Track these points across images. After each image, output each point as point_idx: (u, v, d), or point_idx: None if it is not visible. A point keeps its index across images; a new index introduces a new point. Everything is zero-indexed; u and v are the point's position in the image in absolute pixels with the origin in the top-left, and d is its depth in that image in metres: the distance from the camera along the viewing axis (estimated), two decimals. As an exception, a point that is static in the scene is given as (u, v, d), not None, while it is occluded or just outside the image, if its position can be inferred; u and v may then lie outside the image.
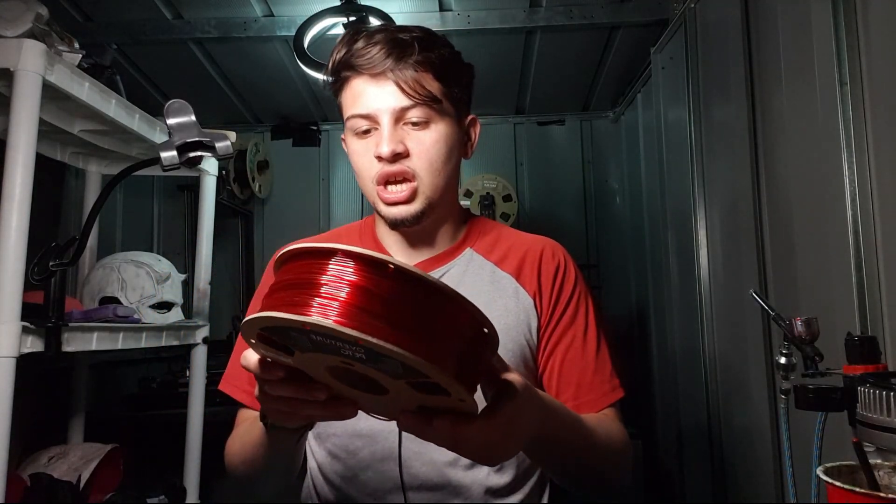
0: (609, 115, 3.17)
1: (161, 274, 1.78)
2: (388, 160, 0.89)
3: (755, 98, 1.57)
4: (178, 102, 0.95)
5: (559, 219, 3.12)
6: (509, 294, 0.96)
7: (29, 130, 1.20)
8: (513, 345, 0.92)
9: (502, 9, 2.21)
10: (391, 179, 0.90)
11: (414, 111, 0.89)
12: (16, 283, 1.16)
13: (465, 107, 0.98)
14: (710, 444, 1.86)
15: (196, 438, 1.82)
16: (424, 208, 0.92)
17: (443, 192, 0.94)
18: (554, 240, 1.04)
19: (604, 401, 0.93)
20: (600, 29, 2.35)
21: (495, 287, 0.96)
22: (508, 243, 1.02)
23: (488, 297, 0.95)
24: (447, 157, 0.93)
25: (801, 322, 0.80)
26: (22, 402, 1.17)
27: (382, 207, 0.93)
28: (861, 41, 1.16)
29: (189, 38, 2.30)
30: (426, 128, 0.91)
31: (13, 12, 1.28)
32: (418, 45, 0.90)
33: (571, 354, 0.95)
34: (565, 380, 0.94)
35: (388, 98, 0.89)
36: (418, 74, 0.89)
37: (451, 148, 0.94)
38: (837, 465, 0.64)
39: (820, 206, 1.27)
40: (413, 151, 0.90)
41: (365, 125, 0.91)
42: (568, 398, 0.93)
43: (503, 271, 0.98)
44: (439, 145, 0.91)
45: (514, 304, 0.95)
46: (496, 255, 1.00)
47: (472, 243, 1.01)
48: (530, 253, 1.00)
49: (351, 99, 0.92)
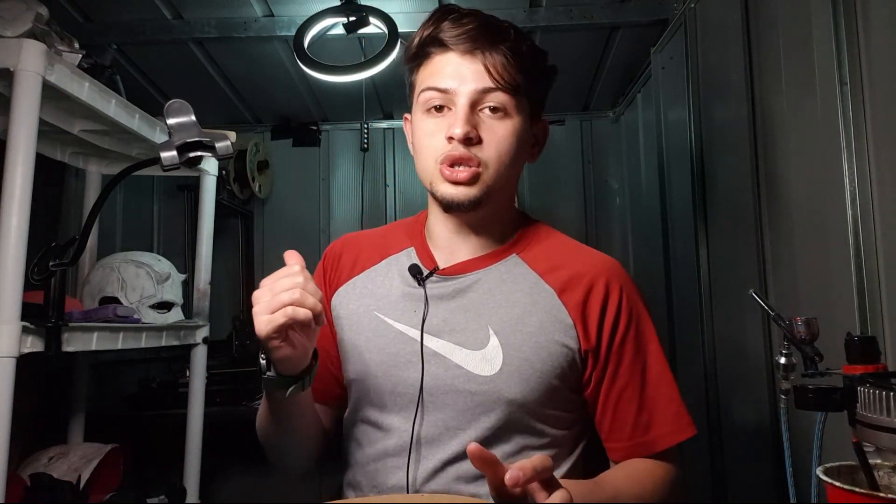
0: (609, 115, 3.17)
1: (161, 274, 1.78)
2: (461, 141, 0.86)
3: (755, 98, 1.57)
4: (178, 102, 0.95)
5: (559, 218, 3.12)
6: (547, 310, 0.91)
7: (29, 130, 1.20)
8: (542, 365, 0.88)
9: (502, 9, 2.20)
10: (456, 163, 0.87)
11: (494, 96, 0.87)
12: (16, 283, 1.16)
13: (540, 108, 0.96)
14: (710, 444, 1.86)
15: (196, 438, 1.82)
16: (482, 196, 0.88)
17: (503, 186, 0.91)
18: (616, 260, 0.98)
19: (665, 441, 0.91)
20: (600, 29, 2.35)
21: (533, 300, 0.91)
22: (561, 255, 0.96)
23: (523, 309, 0.91)
24: (517, 152, 0.90)
25: (801, 322, 0.80)
26: (22, 402, 1.17)
27: (441, 186, 0.89)
28: (861, 41, 1.16)
29: (189, 38, 2.29)
30: (503, 118, 0.88)
31: (13, 12, 1.28)
32: (514, 33, 0.89)
33: (628, 393, 0.92)
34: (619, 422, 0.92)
35: (472, 77, 0.86)
36: (507, 61, 0.87)
37: (522, 145, 0.92)
38: (837, 465, 0.64)
39: (820, 206, 1.27)
40: (485, 139, 0.87)
41: (439, 100, 0.88)
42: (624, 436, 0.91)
43: (546, 284, 0.93)
44: (512, 139, 0.89)
45: (551, 321, 0.90)
46: (543, 266, 0.95)
47: (520, 249, 0.97)
48: (584, 273, 0.93)
49: (429, 72, 0.90)
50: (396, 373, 0.91)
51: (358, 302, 0.98)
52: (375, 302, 0.96)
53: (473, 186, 0.88)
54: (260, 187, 3.02)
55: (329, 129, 3.23)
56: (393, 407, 0.92)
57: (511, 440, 0.89)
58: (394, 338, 0.92)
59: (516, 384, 0.87)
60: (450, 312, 0.92)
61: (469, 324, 0.90)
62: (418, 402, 0.89)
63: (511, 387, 0.87)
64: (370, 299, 0.97)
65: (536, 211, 3.12)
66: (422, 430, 0.89)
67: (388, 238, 1.04)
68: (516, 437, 0.89)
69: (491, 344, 0.89)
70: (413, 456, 0.89)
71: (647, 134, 2.62)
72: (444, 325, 0.91)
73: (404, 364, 0.90)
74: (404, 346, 0.91)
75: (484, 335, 0.89)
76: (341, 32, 2.07)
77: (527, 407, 0.88)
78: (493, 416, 0.88)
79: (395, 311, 0.94)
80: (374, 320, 0.94)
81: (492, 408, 0.87)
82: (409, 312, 0.93)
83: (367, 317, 0.95)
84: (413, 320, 0.92)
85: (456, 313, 0.91)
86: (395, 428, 0.91)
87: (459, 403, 0.88)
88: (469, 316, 0.91)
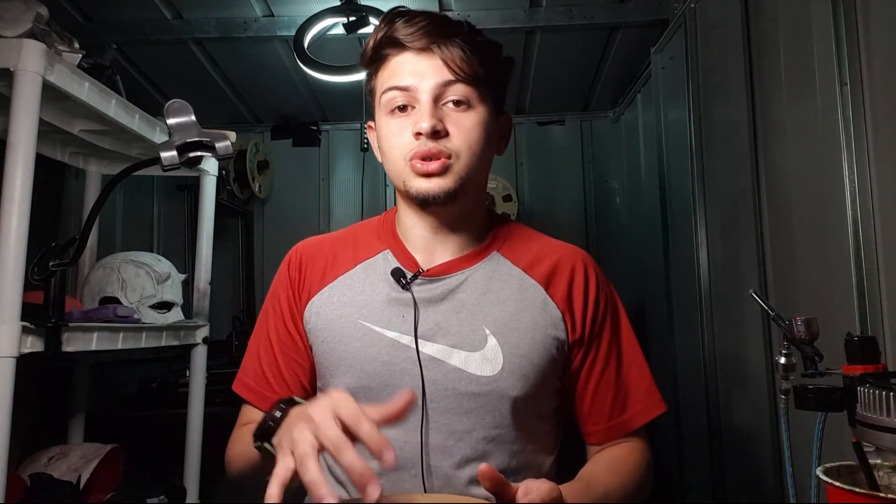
0: (609, 115, 3.17)
1: (161, 274, 1.78)
2: (429, 136, 0.85)
3: (755, 98, 1.57)
4: (178, 102, 0.95)
5: (559, 219, 3.12)
6: (538, 305, 0.92)
7: (29, 130, 1.20)
8: (539, 360, 0.89)
9: (502, 9, 2.20)
10: (426, 157, 0.86)
11: (456, 88, 0.87)
12: (16, 283, 1.16)
13: (502, 100, 0.96)
14: (710, 444, 1.86)
15: (196, 438, 1.82)
16: (456, 187, 0.87)
17: (475, 178, 0.91)
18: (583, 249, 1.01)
19: (639, 419, 0.94)
20: (600, 29, 2.35)
21: (522, 296, 0.92)
22: (537, 249, 0.97)
23: (516, 306, 0.91)
24: (486, 142, 0.90)
25: (801, 322, 0.80)
26: (22, 402, 1.17)
27: (414, 182, 0.87)
28: (861, 41, 1.16)
29: (189, 38, 2.29)
30: (467, 109, 0.88)
31: (13, 12, 1.28)
32: (467, 27, 0.90)
33: (606, 377, 0.94)
34: (598, 405, 0.94)
35: (432, 72, 0.87)
36: (464, 53, 0.87)
37: (489, 135, 0.91)
38: (837, 465, 0.64)
39: (820, 206, 1.27)
40: (452, 132, 0.87)
41: (402, 100, 0.88)
42: (602, 419, 0.94)
43: (532, 279, 0.93)
44: (479, 129, 0.89)
45: (542, 316, 0.91)
46: (525, 261, 0.95)
47: (498, 246, 0.97)
48: (562, 264, 0.96)
49: (389, 74, 0.89)
50: (393, 383, 0.88)
51: (338, 311, 0.93)
52: (358, 310, 0.92)
53: (446, 177, 0.87)
54: (260, 187, 3.03)
55: (329, 129, 3.23)
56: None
57: (515, 437, 0.89)
58: (386, 346, 0.89)
59: (518, 381, 0.88)
60: (442, 315, 0.90)
61: (464, 325, 0.90)
62: (423, 411, 0.87)
63: (514, 385, 0.87)
64: (350, 308, 0.93)
65: (536, 211, 3.12)
66: (429, 438, 0.88)
67: (358, 241, 1.00)
68: (519, 434, 0.90)
69: (489, 344, 0.89)
70: (425, 466, 0.87)
71: (647, 134, 2.62)
72: (437, 329, 0.89)
73: (400, 373, 0.88)
74: (398, 354, 0.88)
75: (481, 335, 0.89)
76: (341, 32, 2.07)
77: (528, 403, 0.89)
78: (498, 415, 0.88)
79: (381, 319, 0.91)
80: (360, 329, 0.91)
81: (496, 407, 0.87)
82: (397, 318, 0.90)
83: (352, 326, 0.91)
84: (403, 326, 0.90)
85: (448, 315, 0.90)
86: (399, 440, 0.87)
87: (463, 406, 0.87)
88: (463, 317, 0.90)
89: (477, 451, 0.87)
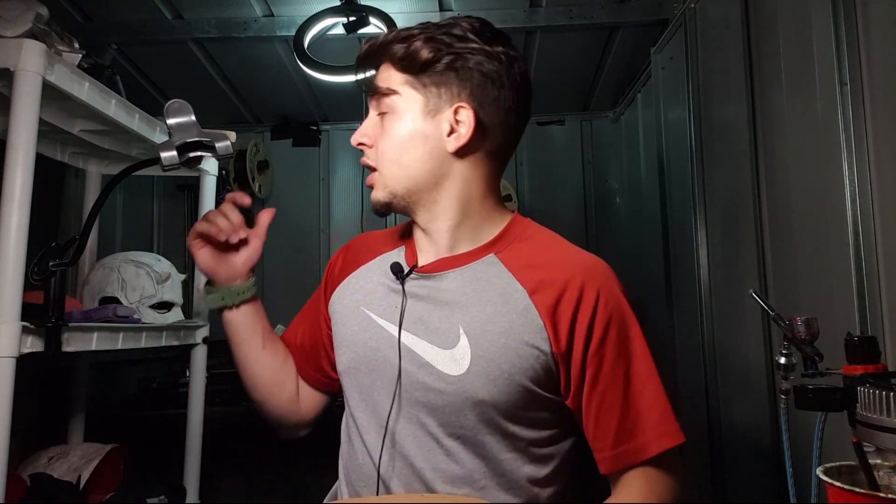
0: (609, 115, 3.17)
1: (161, 274, 1.78)
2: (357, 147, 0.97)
3: (755, 98, 1.57)
4: (178, 102, 0.95)
5: (559, 219, 3.12)
6: (518, 311, 0.89)
7: (29, 130, 1.20)
8: (509, 366, 0.86)
9: (502, 9, 2.20)
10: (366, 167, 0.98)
11: (375, 103, 0.96)
12: (16, 283, 1.16)
13: (448, 97, 0.92)
14: (710, 444, 1.86)
15: (196, 438, 1.82)
16: (388, 199, 0.95)
17: (413, 184, 0.93)
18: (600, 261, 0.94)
19: (651, 449, 0.87)
20: (600, 29, 2.35)
21: (504, 300, 0.90)
22: (540, 254, 0.94)
23: (494, 309, 0.89)
24: (406, 148, 0.93)
25: (801, 322, 0.80)
26: (22, 402, 1.17)
27: None
28: (861, 41, 1.16)
29: (189, 38, 2.29)
30: (391, 118, 0.94)
31: (13, 12, 1.28)
32: (383, 41, 0.95)
33: (610, 398, 0.88)
34: (602, 430, 0.88)
35: (369, 88, 0.97)
36: (379, 69, 0.95)
37: (413, 140, 0.92)
38: (837, 465, 0.64)
39: (820, 206, 1.27)
40: (376, 144, 0.95)
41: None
42: (608, 445, 0.88)
43: (519, 284, 0.91)
44: (399, 136, 0.93)
45: (521, 322, 0.88)
46: (518, 265, 0.92)
47: (499, 249, 0.95)
48: (561, 275, 0.90)
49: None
50: (376, 368, 0.94)
51: (350, 297, 1.02)
52: (364, 297, 1.00)
53: (377, 190, 0.96)
54: (260, 187, 3.03)
55: (329, 129, 3.23)
56: (371, 402, 0.94)
57: (485, 441, 0.89)
58: (375, 332, 0.96)
59: (483, 385, 0.87)
60: (425, 310, 0.93)
61: (441, 322, 0.91)
62: (395, 397, 0.91)
63: (478, 388, 0.87)
64: (360, 295, 1.01)
65: (536, 211, 3.12)
66: (397, 425, 0.92)
67: (391, 236, 1.08)
68: (489, 439, 0.89)
69: (460, 344, 0.89)
70: (387, 449, 0.91)
71: (647, 134, 2.62)
72: (419, 322, 0.93)
73: (382, 359, 0.94)
74: (384, 342, 0.94)
75: (454, 334, 0.90)
76: (341, 32, 2.07)
77: (497, 408, 0.87)
78: (464, 416, 0.88)
79: (378, 307, 0.98)
80: (360, 315, 0.99)
81: (461, 408, 0.88)
82: (390, 308, 0.96)
83: (356, 311, 1.00)
84: (393, 316, 0.95)
85: (430, 311, 0.93)
86: (369, 423, 0.94)
87: (431, 401, 0.89)
88: (442, 314, 0.92)
89: (442, 447, 0.89)
